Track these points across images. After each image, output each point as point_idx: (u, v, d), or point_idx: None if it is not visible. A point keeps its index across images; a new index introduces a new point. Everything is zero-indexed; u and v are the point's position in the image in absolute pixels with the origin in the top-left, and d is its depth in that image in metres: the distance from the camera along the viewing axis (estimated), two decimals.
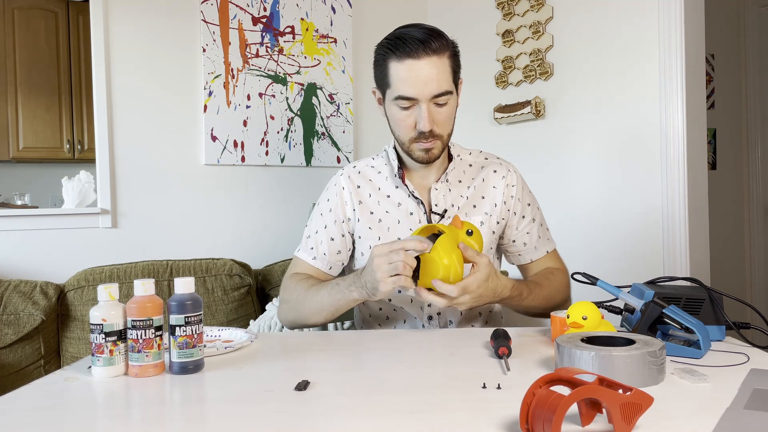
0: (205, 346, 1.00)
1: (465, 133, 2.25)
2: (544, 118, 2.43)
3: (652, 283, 1.12)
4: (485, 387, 0.81)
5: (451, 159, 1.35)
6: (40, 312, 1.80)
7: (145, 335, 0.89)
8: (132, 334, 0.90)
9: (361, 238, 1.33)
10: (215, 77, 2.33)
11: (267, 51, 2.44)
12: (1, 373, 1.73)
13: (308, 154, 2.54)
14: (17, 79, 3.71)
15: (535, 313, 1.29)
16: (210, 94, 2.32)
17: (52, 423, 0.73)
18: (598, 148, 2.26)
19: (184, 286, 0.92)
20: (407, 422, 0.70)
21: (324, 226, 1.34)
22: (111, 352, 0.90)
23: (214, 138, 2.33)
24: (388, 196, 1.33)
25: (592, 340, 0.88)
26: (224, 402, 0.79)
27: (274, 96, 2.46)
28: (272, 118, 2.45)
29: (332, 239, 1.33)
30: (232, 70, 2.36)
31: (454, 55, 1.23)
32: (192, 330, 0.91)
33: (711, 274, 2.20)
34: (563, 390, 0.65)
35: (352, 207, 1.33)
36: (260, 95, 2.43)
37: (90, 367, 0.92)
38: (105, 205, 2.16)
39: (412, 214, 1.31)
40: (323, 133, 2.58)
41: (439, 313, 1.30)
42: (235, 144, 2.37)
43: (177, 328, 0.90)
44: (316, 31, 2.56)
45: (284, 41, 2.48)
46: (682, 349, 0.95)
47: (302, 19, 2.52)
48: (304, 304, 1.25)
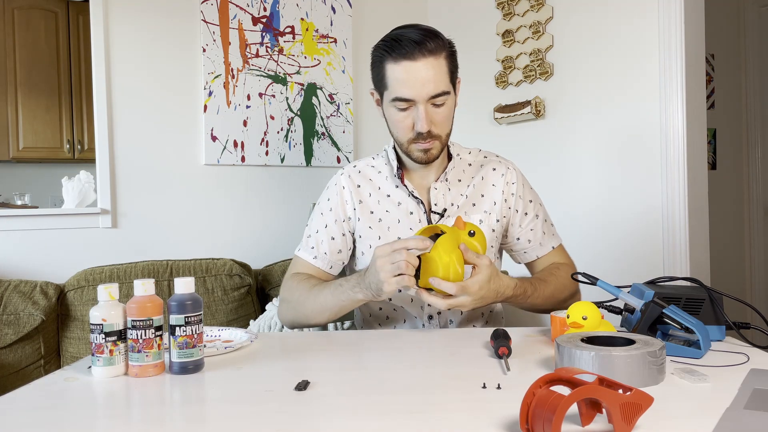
0: (205, 346, 1.00)
1: (465, 133, 2.25)
2: (544, 118, 2.43)
3: (652, 283, 1.12)
4: (485, 387, 0.81)
5: (450, 158, 1.35)
6: (40, 312, 1.80)
7: (145, 335, 0.89)
8: (132, 334, 0.90)
9: (361, 237, 1.33)
10: (215, 77, 2.33)
11: (267, 51, 2.44)
12: (1, 373, 1.73)
13: (308, 154, 2.54)
14: (17, 79, 3.71)
15: (542, 310, 1.29)
16: (210, 94, 2.32)
17: (52, 423, 0.73)
18: (598, 148, 2.26)
19: (184, 286, 0.92)
20: (407, 422, 0.70)
21: (324, 225, 1.34)
22: (111, 352, 0.90)
23: (214, 138, 2.33)
24: (388, 196, 1.33)
25: (592, 340, 0.88)
26: (224, 402, 0.79)
27: (274, 96, 2.46)
28: (272, 118, 2.45)
29: (333, 238, 1.33)
30: (232, 70, 2.36)
31: (451, 55, 1.23)
32: (192, 330, 0.91)
33: (711, 274, 2.20)
34: (563, 390, 0.65)
35: (353, 206, 1.33)
36: (260, 95, 2.43)
37: (90, 367, 0.92)
38: (105, 205, 2.16)
39: (412, 213, 1.31)
40: (323, 133, 2.58)
41: (439, 312, 1.30)
42: (235, 144, 2.37)
43: (177, 328, 0.90)
44: (316, 31, 2.56)
45: (284, 41, 2.48)
46: (682, 349, 0.95)
47: (302, 19, 2.52)
48: (306, 305, 1.25)
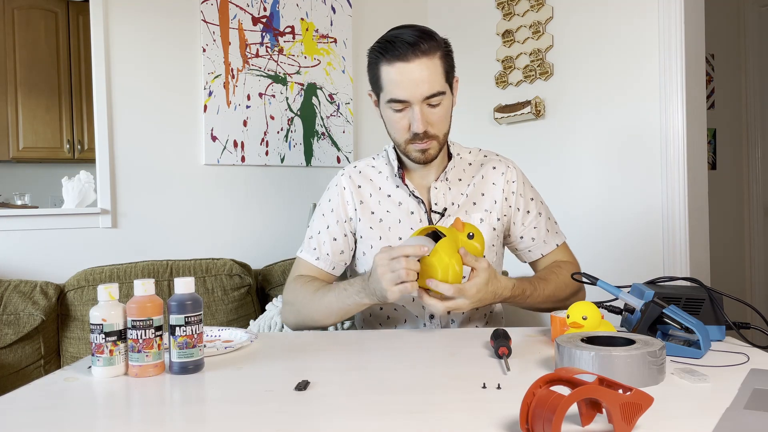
0: (205, 346, 1.00)
1: (465, 133, 2.25)
2: (544, 118, 2.43)
3: (652, 283, 1.12)
4: (485, 387, 0.81)
5: (450, 158, 1.35)
6: (40, 312, 1.80)
7: (145, 335, 0.89)
8: (132, 334, 0.90)
9: (362, 237, 1.33)
10: (215, 77, 2.33)
11: (267, 51, 2.44)
12: (1, 373, 1.73)
13: (308, 154, 2.54)
14: (17, 79, 3.71)
15: (543, 309, 1.28)
16: (210, 94, 2.32)
17: (52, 423, 0.73)
18: (598, 148, 2.26)
19: (184, 286, 0.92)
20: (407, 422, 0.70)
21: (326, 226, 1.34)
22: (111, 352, 0.90)
23: (214, 138, 2.33)
24: (389, 196, 1.33)
25: (592, 340, 0.88)
26: (224, 402, 0.79)
27: (274, 96, 2.46)
28: (272, 118, 2.45)
29: (335, 239, 1.33)
30: (232, 70, 2.36)
31: (447, 54, 1.23)
32: (192, 330, 0.91)
33: (711, 274, 2.19)
34: (563, 390, 0.65)
35: (354, 206, 1.33)
36: (260, 95, 2.43)
37: (90, 367, 0.92)
38: (105, 205, 2.16)
39: (412, 213, 1.31)
40: (323, 133, 2.58)
41: None
42: (235, 144, 2.37)
43: (177, 328, 0.90)
44: (316, 31, 2.56)
45: (284, 41, 2.48)
46: (682, 349, 0.95)
47: (302, 19, 2.52)
48: (311, 308, 1.25)
